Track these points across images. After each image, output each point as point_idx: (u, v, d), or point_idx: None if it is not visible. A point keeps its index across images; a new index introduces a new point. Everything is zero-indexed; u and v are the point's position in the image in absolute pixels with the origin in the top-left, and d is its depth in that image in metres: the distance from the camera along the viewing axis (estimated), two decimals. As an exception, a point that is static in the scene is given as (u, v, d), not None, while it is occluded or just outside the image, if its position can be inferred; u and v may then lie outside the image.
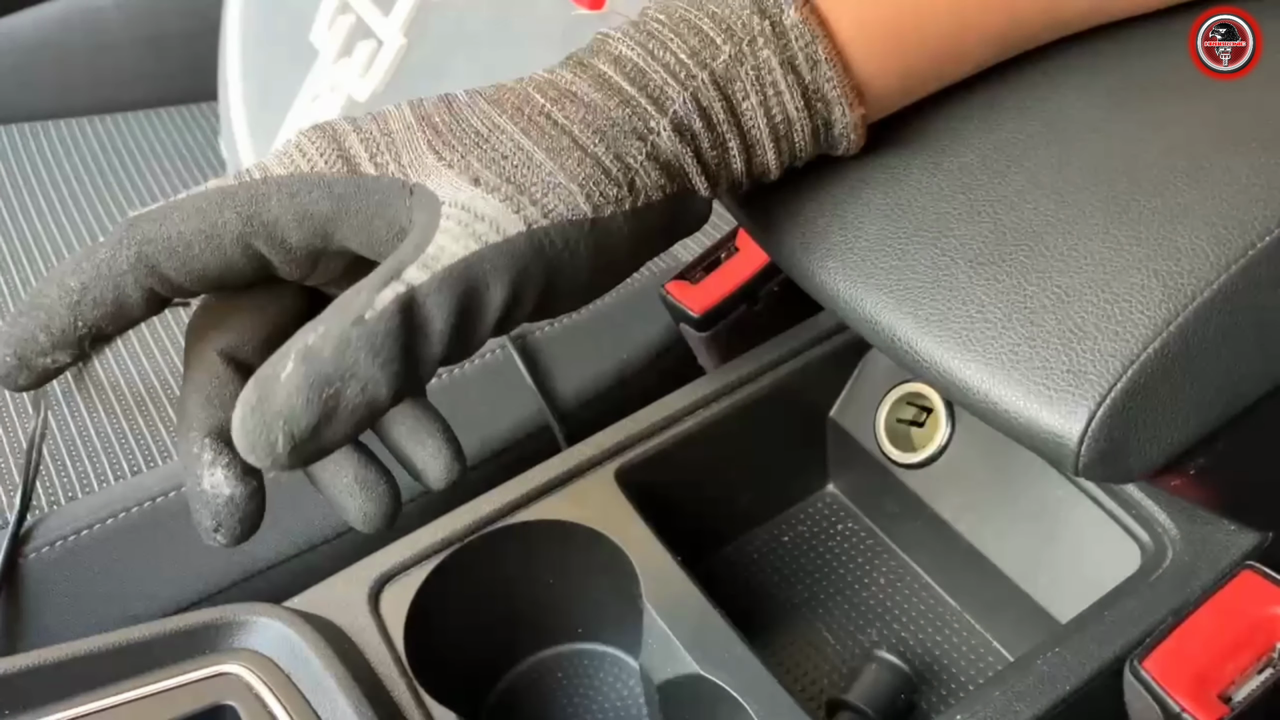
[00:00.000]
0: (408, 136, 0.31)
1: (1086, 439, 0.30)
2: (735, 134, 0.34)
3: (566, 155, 0.31)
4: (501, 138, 0.31)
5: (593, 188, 0.31)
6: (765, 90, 0.34)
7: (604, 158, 0.32)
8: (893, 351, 0.35)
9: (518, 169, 0.31)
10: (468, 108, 0.32)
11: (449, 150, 0.31)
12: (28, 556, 0.48)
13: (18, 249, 0.73)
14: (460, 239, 0.29)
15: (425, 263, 0.28)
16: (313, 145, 0.31)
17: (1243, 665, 0.36)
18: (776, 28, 0.33)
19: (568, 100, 0.32)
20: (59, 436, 0.56)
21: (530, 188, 0.30)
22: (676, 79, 0.33)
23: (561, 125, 0.32)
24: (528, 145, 0.31)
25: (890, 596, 0.52)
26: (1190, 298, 0.31)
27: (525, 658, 0.51)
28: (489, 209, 0.29)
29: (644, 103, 0.33)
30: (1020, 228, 0.34)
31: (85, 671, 0.39)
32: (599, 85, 0.33)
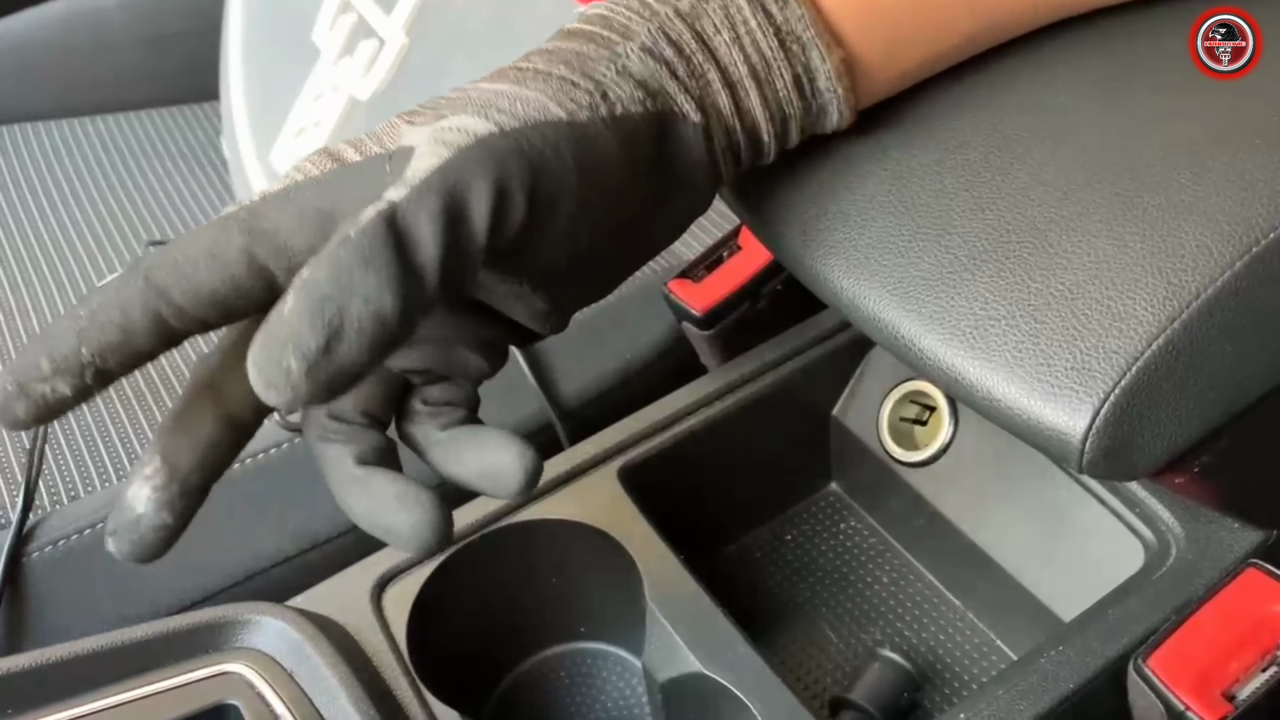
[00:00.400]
0: (388, 125, 0.32)
1: (1091, 436, 0.30)
2: (712, 64, 0.34)
3: (531, 80, 0.32)
4: (469, 92, 0.32)
5: (561, 96, 0.31)
6: (737, 28, 0.34)
7: (570, 76, 0.32)
8: (896, 349, 0.35)
9: (484, 100, 0.31)
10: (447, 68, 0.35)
11: (419, 115, 0.32)
12: (30, 556, 0.48)
13: (19, 248, 0.73)
14: (433, 150, 0.29)
15: (404, 180, 0.28)
16: (308, 162, 0.31)
17: (1247, 663, 0.36)
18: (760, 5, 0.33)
19: (534, 54, 0.33)
20: (61, 436, 0.56)
21: (497, 101, 0.31)
22: (640, 15, 0.34)
23: (525, 69, 0.33)
24: (494, 83, 0.32)
25: (893, 595, 0.52)
26: (1194, 295, 0.31)
27: (528, 656, 0.51)
28: (460, 118, 0.30)
29: (608, 34, 0.33)
30: (1024, 225, 0.34)
31: (88, 671, 0.39)
32: (564, 36, 0.34)
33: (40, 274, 0.71)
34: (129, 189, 0.80)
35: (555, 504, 0.47)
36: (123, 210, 0.77)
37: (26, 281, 0.70)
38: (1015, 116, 0.36)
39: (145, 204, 0.78)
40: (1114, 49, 0.37)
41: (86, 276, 0.70)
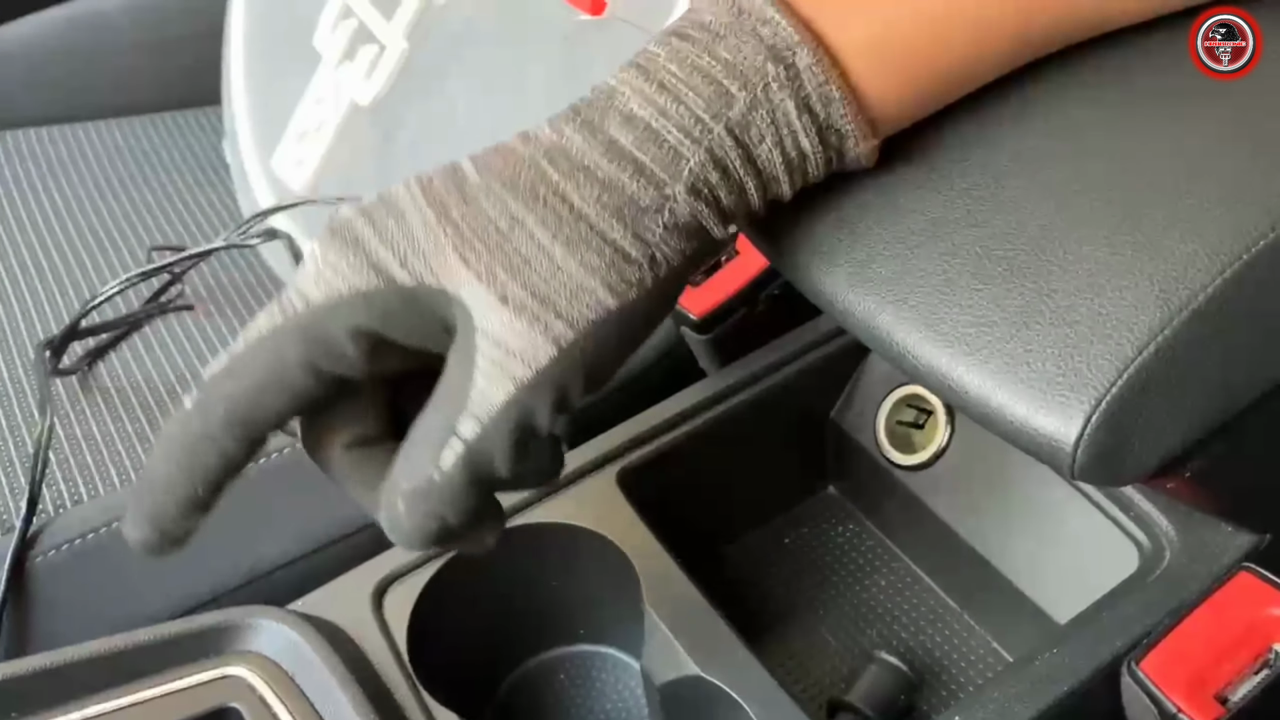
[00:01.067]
0: (430, 239, 0.32)
1: (1082, 443, 0.31)
2: (752, 176, 0.34)
3: (586, 247, 0.32)
4: (521, 235, 0.32)
5: (614, 277, 0.32)
6: (780, 132, 0.33)
7: (622, 241, 0.32)
8: (890, 356, 0.35)
9: (541, 276, 0.31)
10: (482, 193, 0.32)
11: (474, 256, 0.31)
12: (34, 560, 0.49)
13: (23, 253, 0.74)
14: (498, 381, 0.31)
15: (473, 412, 0.31)
16: (341, 260, 0.32)
17: (1239, 666, 0.36)
18: (790, 71, 0.33)
19: (581, 175, 0.32)
20: (65, 440, 0.57)
21: (555, 299, 0.31)
22: (690, 136, 0.32)
23: (578, 210, 0.32)
24: (547, 241, 0.31)
25: (890, 598, 0.52)
26: (1185, 302, 0.31)
27: (527, 659, 0.51)
28: (519, 342, 0.31)
29: (658, 171, 0.32)
30: (1017, 233, 0.34)
31: (91, 675, 0.40)
32: (611, 154, 0.32)
33: (44, 278, 0.71)
34: (131, 193, 0.80)
35: (554, 507, 0.47)
36: (125, 214, 0.78)
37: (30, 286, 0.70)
38: (1009, 125, 0.36)
39: (148, 208, 0.78)
40: (1109, 57, 0.37)
41: (89, 281, 0.71)
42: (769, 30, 0.33)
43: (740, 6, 0.33)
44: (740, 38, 0.33)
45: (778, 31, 0.33)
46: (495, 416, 0.31)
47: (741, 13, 0.33)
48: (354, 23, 0.71)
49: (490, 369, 0.31)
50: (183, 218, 0.78)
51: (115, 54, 0.92)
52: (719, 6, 0.34)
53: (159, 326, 0.65)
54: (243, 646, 0.41)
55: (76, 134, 0.87)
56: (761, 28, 0.33)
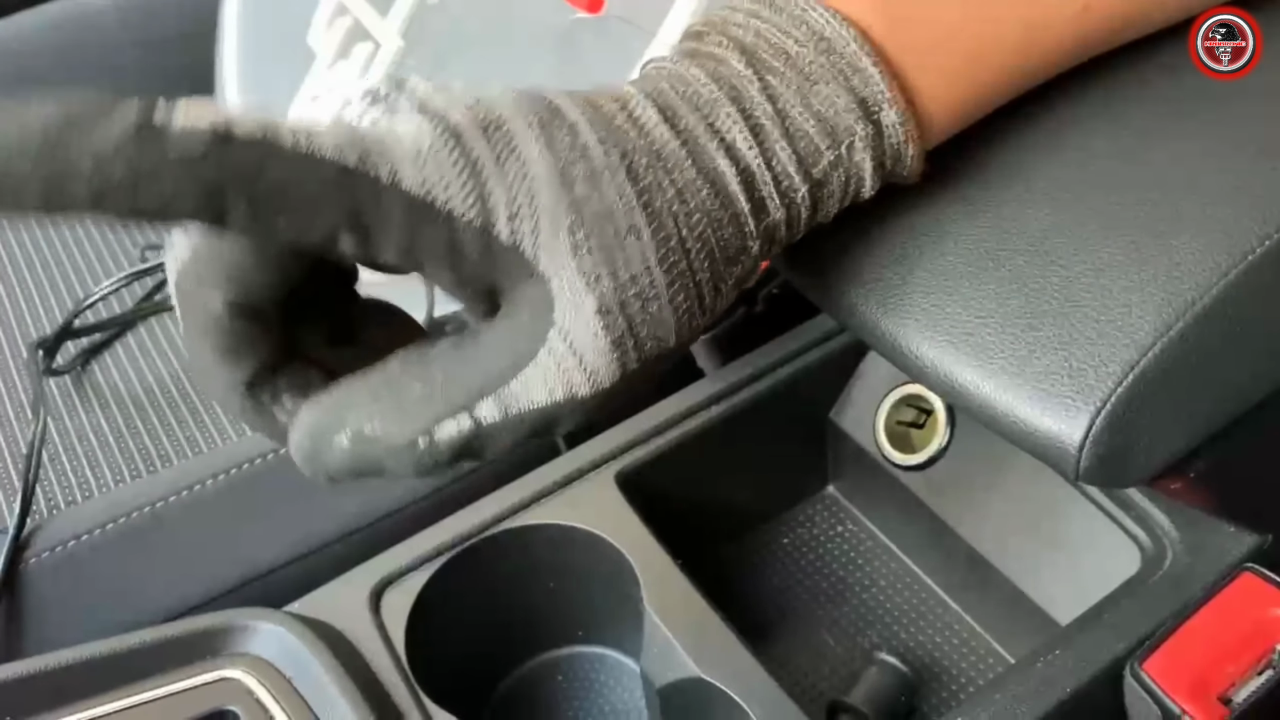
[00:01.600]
0: (551, 208, 0.28)
1: (1087, 445, 0.30)
2: (810, 221, 0.33)
3: (680, 283, 0.29)
4: (635, 249, 0.29)
5: (686, 320, 0.30)
6: (850, 187, 0.33)
7: (705, 286, 0.30)
8: (893, 356, 0.35)
9: (640, 300, 0.29)
10: (609, 177, 0.29)
11: (587, 252, 0.28)
12: (28, 562, 0.48)
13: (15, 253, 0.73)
14: (550, 385, 0.28)
15: (503, 399, 0.28)
16: (452, 168, 0.27)
17: (1243, 667, 0.36)
18: (876, 129, 0.32)
19: (692, 198, 0.30)
20: (59, 441, 0.56)
21: (640, 328, 0.29)
22: (779, 191, 0.31)
23: (685, 239, 0.30)
24: (654, 264, 0.29)
25: (890, 598, 0.52)
26: (1189, 304, 0.31)
27: (526, 661, 0.51)
28: (595, 358, 0.28)
29: (747, 221, 0.31)
30: (1021, 234, 0.34)
31: (86, 677, 0.39)
32: (714, 187, 0.30)
33: (36, 278, 0.71)
34: (125, 192, 0.80)
35: (552, 508, 0.47)
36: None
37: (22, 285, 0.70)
38: (1013, 128, 0.36)
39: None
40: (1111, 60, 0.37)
41: (82, 280, 0.70)
42: (860, 81, 0.31)
43: (830, 44, 0.32)
44: (833, 86, 0.31)
45: (869, 83, 0.31)
46: (525, 413, 0.28)
47: (832, 52, 0.31)
48: (348, 20, 0.70)
49: (552, 367, 0.28)
50: (176, 216, 0.78)
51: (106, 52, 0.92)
52: (802, 34, 0.32)
53: (153, 326, 0.64)
54: (239, 649, 0.41)
55: (69, 132, 0.87)
56: (854, 77, 0.31)
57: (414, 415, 0.28)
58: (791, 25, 0.32)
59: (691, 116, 0.30)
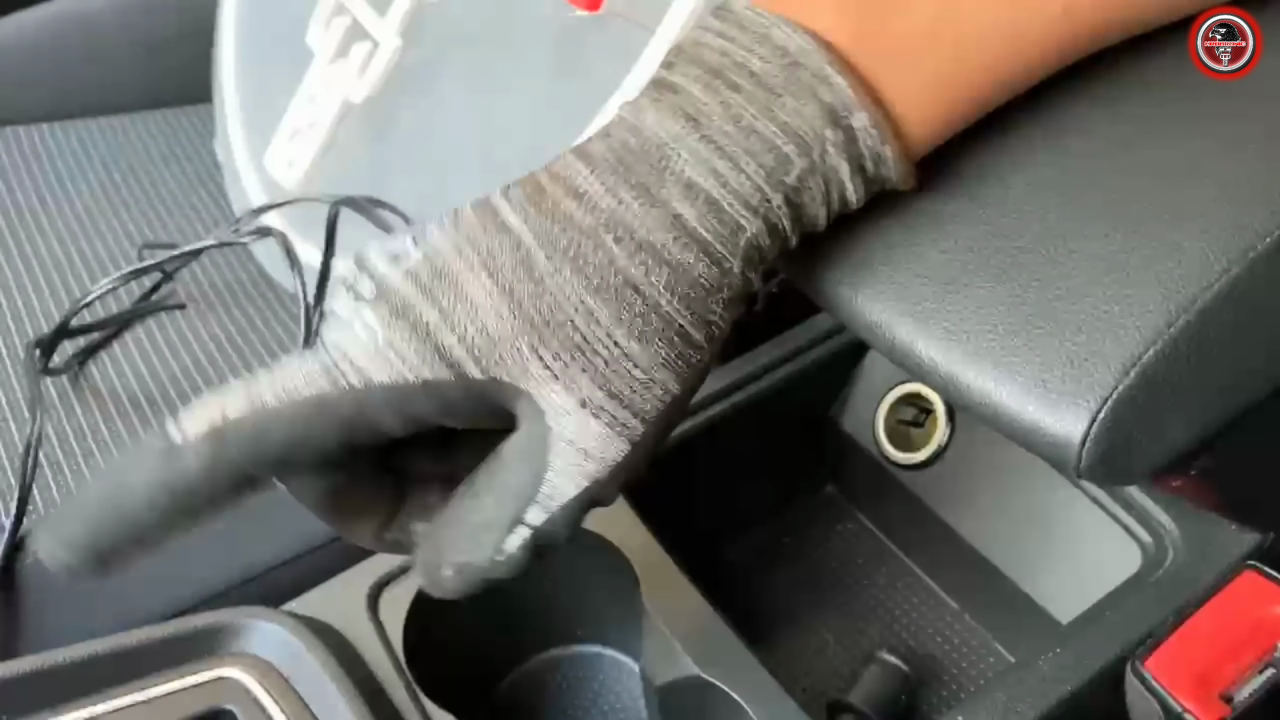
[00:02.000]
0: (503, 331, 0.31)
1: (1089, 442, 0.30)
2: (798, 228, 0.33)
3: (658, 338, 0.31)
4: (597, 332, 0.31)
5: (682, 364, 0.32)
6: (831, 192, 0.33)
7: (689, 327, 0.32)
8: (893, 354, 0.35)
9: (618, 376, 0.31)
10: (551, 277, 0.31)
11: (550, 355, 0.31)
12: (24, 562, 0.48)
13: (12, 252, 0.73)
14: (573, 479, 0.31)
15: (544, 504, 0.32)
16: (407, 346, 0.31)
17: (1244, 665, 0.36)
18: (848, 134, 0.32)
19: (649, 258, 0.31)
20: (55, 440, 0.56)
21: (631, 397, 0.31)
22: (750, 207, 0.32)
23: (650, 301, 0.31)
24: (622, 338, 0.31)
25: (890, 597, 0.52)
26: (1191, 299, 0.31)
27: (525, 660, 0.51)
28: (596, 445, 0.31)
29: (719, 248, 0.32)
30: (1021, 230, 0.34)
31: (83, 677, 0.39)
32: (676, 232, 0.32)
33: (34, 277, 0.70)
34: (122, 192, 0.80)
35: (552, 508, 0.47)
36: (115, 213, 0.77)
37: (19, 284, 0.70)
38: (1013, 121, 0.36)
39: (139, 207, 0.78)
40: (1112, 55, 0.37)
41: (80, 279, 0.70)
42: (827, 90, 0.32)
43: (795, 59, 0.32)
44: (799, 98, 0.32)
45: (836, 93, 0.32)
46: (565, 508, 0.32)
47: (797, 66, 0.32)
48: (347, 20, 0.70)
49: (565, 468, 0.31)
50: (174, 216, 0.78)
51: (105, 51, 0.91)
52: (767, 51, 0.32)
53: (150, 325, 0.64)
54: (237, 648, 0.41)
55: (66, 132, 0.87)
56: (820, 87, 0.32)
57: (485, 542, 0.32)
58: (756, 43, 0.32)
59: (643, 170, 0.32)
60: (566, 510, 0.32)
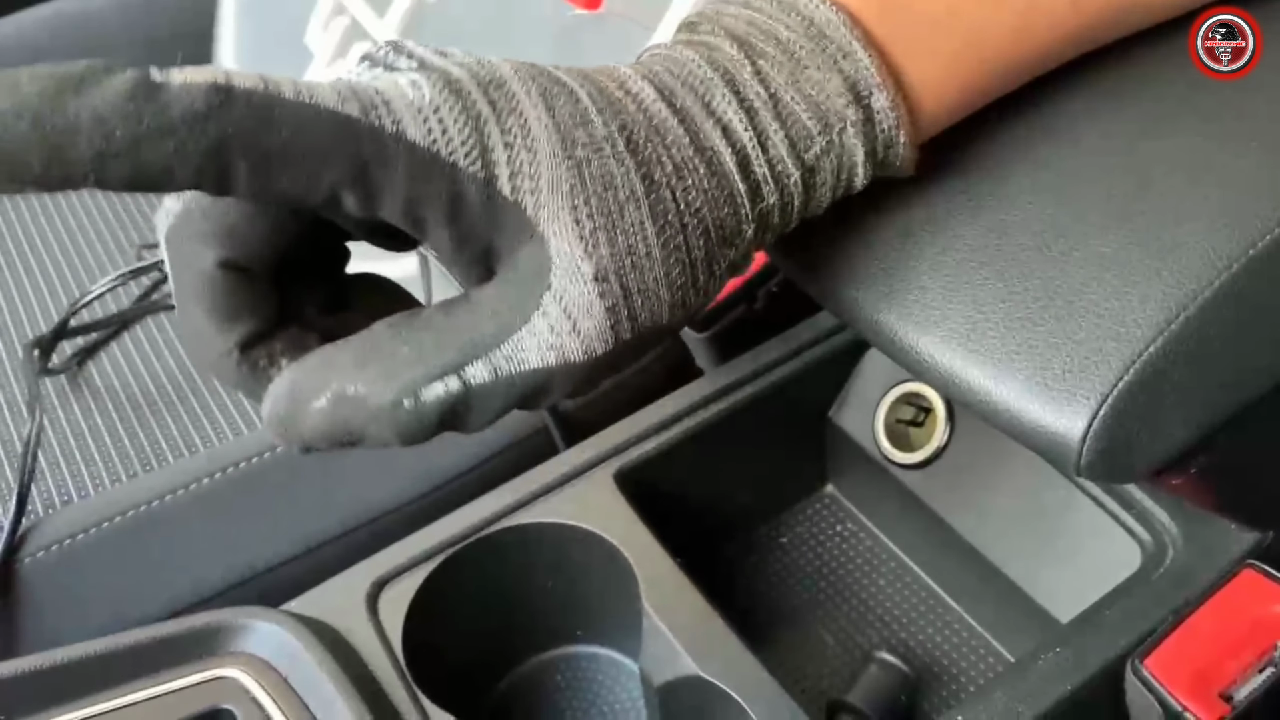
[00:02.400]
0: (553, 171, 0.28)
1: (1088, 439, 0.30)
2: (802, 211, 0.33)
3: (675, 260, 0.29)
4: (635, 218, 0.28)
5: (680, 297, 0.30)
6: (841, 175, 0.32)
7: (700, 267, 0.30)
8: (893, 352, 0.35)
9: (638, 270, 0.29)
10: (609, 144, 0.29)
11: (587, 217, 0.28)
12: (23, 561, 0.48)
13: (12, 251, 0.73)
14: (543, 350, 0.28)
15: (494, 362, 0.28)
16: (454, 123, 0.27)
17: (1244, 664, 0.36)
18: (867, 114, 0.32)
19: (690, 175, 0.30)
20: (54, 440, 0.56)
21: (635, 299, 0.29)
22: (773, 174, 0.31)
23: (682, 214, 0.29)
24: (653, 237, 0.29)
25: (890, 597, 0.52)
26: (1191, 297, 0.31)
27: (524, 660, 0.51)
28: (589, 324, 0.28)
29: (743, 203, 0.31)
30: (1021, 227, 0.34)
31: (81, 676, 0.39)
32: (710, 166, 0.30)
33: (33, 276, 0.71)
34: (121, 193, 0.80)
35: (551, 507, 0.47)
36: (114, 212, 0.77)
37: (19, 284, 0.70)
38: (1013, 119, 0.36)
39: (137, 206, 0.78)
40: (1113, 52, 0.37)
41: (79, 279, 0.70)
42: (850, 65, 0.31)
43: (820, 30, 0.31)
44: (824, 71, 0.31)
45: (859, 68, 0.31)
46: (516, 376, 0.28)
47: (823, 38, 0.31)
48: (346, 20, 0.70)
49: (545, 331, 0.28)
50: (173, 216, 0.78)
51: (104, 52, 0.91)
52: (793, 20, 0.32)
53: (149, 325, 0.64)
54: (236, 647, 0.41)
55: (66, 132, 0.87)
56: (844, 61, 0.31)
57: (400, 376, 0.27)
58: (782, 12, 0.32)
59: (688, 97, 0.30)
60: (514, 382, 0.28)
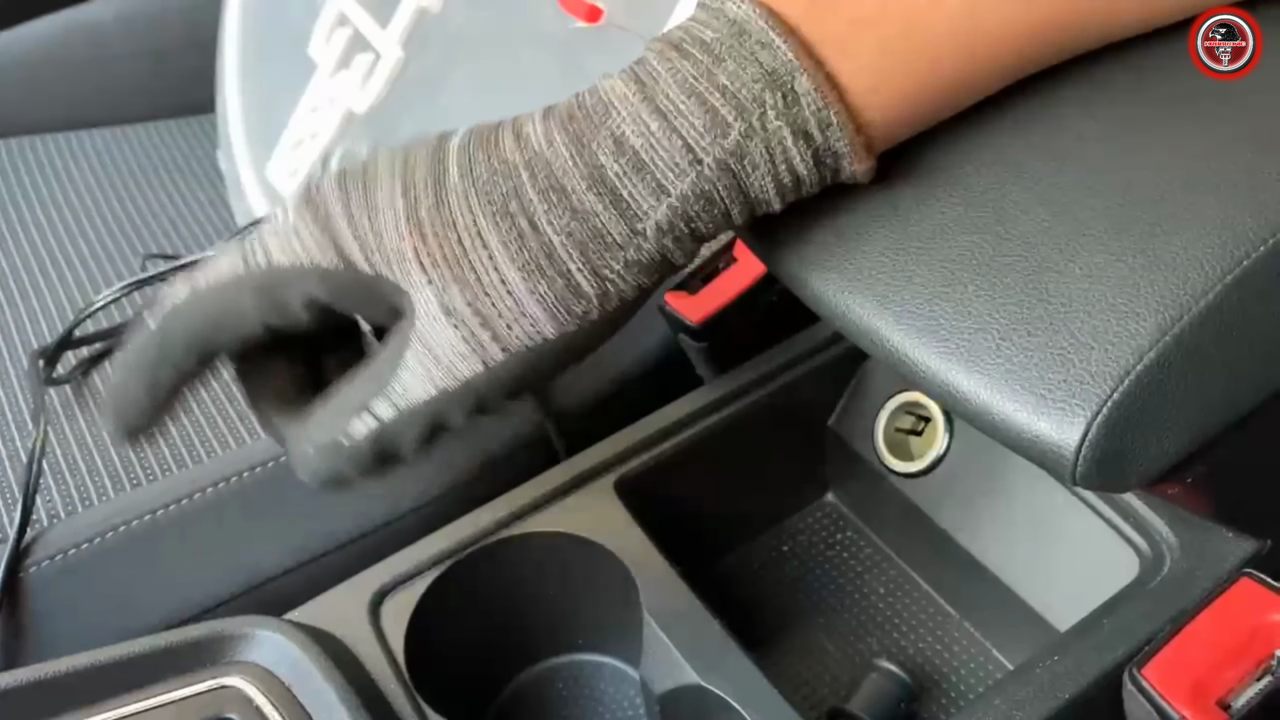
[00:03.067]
0: (395, 238, 0.33)
1: (1084, 449, 0.30)
2: (739, 202, 0.34)
3: (540, 275, 0.33)
4: (480, 253, 0.33)
5: (561, 309, 0.33)
6: (775, 159, 0.33)
7: (578, 274, 0.33)
8: (890, 362, 0.35)
9: (489, 297, 0.33)
10: (457, 197, 0.33)
11: (430, 263, 0.33)
12: (28, 571, 0.48)
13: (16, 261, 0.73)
14: (422, 381, 0.33)
15: (391, 398, 0.34)
16: (308, 233, 0.34)
17: (1241, 673, 0.36)
18: (789, 97, 0.32)
19: (555, 198, 0.33)
20: (58, 450, 0.56)
21: (496, 322, 0.33)
22: (677, 169, 0.33)
23: (543, 236, 0.33)
24: (504, 264, 0.33)
25: (890, 605, 0.52)
26: (1186, 308, 0.31)
27: (526, 669, 0.51)
28: (449, 353, 0.33)
29: (635, 204, 0.33)
30: (1017, 239, 0.34)
31: (86, 686, 0.39)
32: (592, 182, 0.33)
33: (37, 286, 0.71)
34: (125, 202, 0.80)
35: (552, 516, 0.47)
36: (119, 223, 0.77)
37: (23, 294, 0.70)
38: (1009, 131, 0.36)
39: (142, 216, 0.78)
40: (1109, 63, 0.37)
41: (83, 289, 0.70)
42: (768, 55, 0.32)
43: (742, 27, 0.33)
44: (740, 62, 0.33)
45: (777, 56, 0.32)
46: (410, 409, 0.34)
47: (743, 34, 0.33)
48: (349, 31, 0.70)
49: (417, 368, 0.33)
50: (177, 226, 0.78)
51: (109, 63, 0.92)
52: (720, 24, 0.33)
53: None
54: (238, 657, 0.41)
55: (70, 143, 0.87)
56: (761, 52, 0.32)
57: (337, 423, 0.34)
58: (711, 17, 0.34)
59: (585, 123, 0.34)
60: (412, 413, 0.34)
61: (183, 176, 0.84)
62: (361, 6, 0.70)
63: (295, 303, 0.34)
